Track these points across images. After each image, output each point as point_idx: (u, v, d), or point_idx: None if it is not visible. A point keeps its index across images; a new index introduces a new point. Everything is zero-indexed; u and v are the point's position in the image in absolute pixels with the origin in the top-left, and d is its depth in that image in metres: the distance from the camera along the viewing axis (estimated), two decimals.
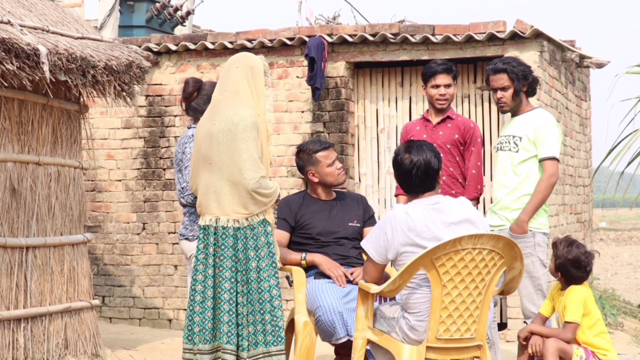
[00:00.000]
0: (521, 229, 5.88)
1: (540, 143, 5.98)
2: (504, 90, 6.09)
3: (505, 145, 6.11)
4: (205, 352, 5.46)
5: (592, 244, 11.89)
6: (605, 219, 40.02)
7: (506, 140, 6.12)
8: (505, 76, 6.06)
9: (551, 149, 5.97)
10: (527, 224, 5.90)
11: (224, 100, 5.55)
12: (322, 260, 5.98)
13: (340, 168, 6.19)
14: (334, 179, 6.17)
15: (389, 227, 4.97)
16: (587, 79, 11.26)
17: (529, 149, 6.01)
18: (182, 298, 9.45)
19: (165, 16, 11.77)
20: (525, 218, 5.89)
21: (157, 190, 9.61)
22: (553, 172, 5.95)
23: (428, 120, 6.66)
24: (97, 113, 9.66)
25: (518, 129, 6.08)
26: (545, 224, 6.05)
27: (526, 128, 6.03)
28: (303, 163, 6.20)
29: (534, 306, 5.96)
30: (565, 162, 9.93)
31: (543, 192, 5.92)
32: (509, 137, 6.10)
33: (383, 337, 5.11)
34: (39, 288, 6.63)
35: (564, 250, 5.67)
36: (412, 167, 5.02)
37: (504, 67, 6.07)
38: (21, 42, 6.13)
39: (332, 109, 9.18)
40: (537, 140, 5.99)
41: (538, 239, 5.94)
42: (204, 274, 5.50)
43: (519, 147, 6.03)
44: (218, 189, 5.49)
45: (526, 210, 5.91)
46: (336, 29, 9.15)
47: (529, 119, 6.07)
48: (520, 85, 6.06)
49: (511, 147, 6.06)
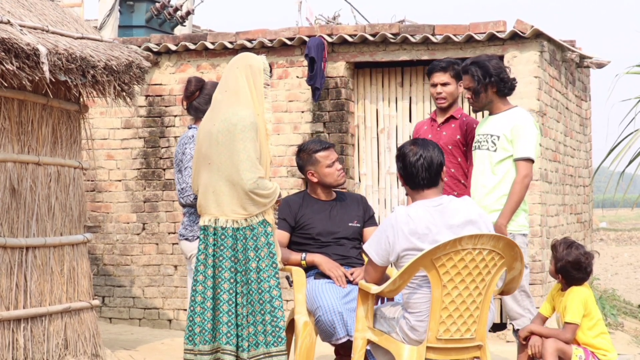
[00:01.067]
0: (500, 232, 5.81)
1: (515, 142, 5.91)
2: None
3: (483, 144, 6.03)
4: (206, 353, 5.45)
5: (592, 244, 11.89)
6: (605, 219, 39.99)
7: (484, 139, 6.04)
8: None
9: (526, 149, 5.89)
10: (506, 227, 5.86)
11: (224, 101, 5.55)
12: (322, 261, 5.97)
13: (340, 169, 6.17)
14: (333, 179, 6.16)
15: (391, 230, 4.96)
16: (587, 79, 11.25)
17: (506, 148, 5.94)
18: (182, 298, 9.45)
19: (165, 16, 11.77)
20: (504, 222, 5.84)
21: (157, 190, 9.60)
22: (526, 173, 5.88)
23: (434, 120, 6.65)
24: (97, 113, 9.65)
25: (495, 127, 6.01)
26: (524, 225, 6.00)
27: (504, 127, 5.97)
28: (303, 162, 6.20)
29: (519, 307, 5.93)
30: (565, 162, 9.93)
31: (518, 194, 5.87)
32: (487, 136, 6.03)
33: (383, 338, 5.10)
34: (38, 288, 6.62)
35: (563, 252, 5.66)
36: (419, 158, 5.01)
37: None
38: (21, 42, 6.12)
39: (332, 109, 9.17)
40: (513, 139, 5.92)
41: (518, 240, 5.81)
42: (204, 274, 5.50)
43: (497, 146, 5.96)
44: (217, 190, 5.49)
45: (503, 214, 5.85)
46: (336, 29, 9.14)
47: (507, 118, 6.01)
48: (480, 87, 5.99)
49: (489, 146, 5.99)
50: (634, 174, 11.16)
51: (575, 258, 5.63)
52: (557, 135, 9.43)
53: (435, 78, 6.53)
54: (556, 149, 9.37)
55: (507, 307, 6.00)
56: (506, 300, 5.94)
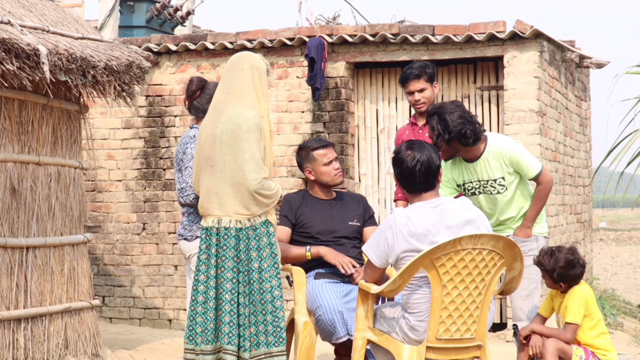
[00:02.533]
0: (525, 234, 5.87)
1: (521, 168, 5.83)
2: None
3: (489, 189, 5.88)
4: (208, 353, 5.45)
5: (592, 244, 11.89)
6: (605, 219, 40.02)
7: (484, 185, 5.88)
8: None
9: (533, 165, 5.84)
10: (531, 230, 5.90)
11: (228, 102, 5.54)
12: (327, 251, 5.97)
13: (337, 169, 6.15)
14: (329, 178, 6.14)
15: (390, 232, 4.96)
16: (587, 79, 11.26)
17: (513, 181, 5.88)
18: (182, 298, 9.46)
19: (165, 16, 11.78)
20: (530, 225, 5.88)
21: (157, 190, 9.61)
22: (549, 178, 5.87)
23: (415, 124, 6.62)
24: (97, 113, 9.66)
25: (491, 171, 5.85)
26: (545, 227, 6.05)
27: (499, 166, 5.84)
28: (301, 160, 6.20)
29: (526, 307, 5.93)
30: (565, 162, 9.93)
31: (544, 200, 5.88)
32: (487, 182, 5.87)
33: (383, 337, 5.11)
34: (39, 288, 6.63)
35: (551, 263, 5.63)
36: (416, 164, 5.00)
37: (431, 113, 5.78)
38: (21, 43, 6.13)
39: (332, 109, 9.18)
40: (517, 168, 5.84)
41: (541, 242, 5.93)
42: (206, 274, 5.50)
43: (505, 184, 5.86)
44: (220, 191, 5.49)
45: (530, 218, 5.87)
46: (336, 29, 9.15)
47: (494, 156, 5.83)
48: (440, 142, 5.70)
49: (499, 190, 5.87)
50: (634, 174, 11.18)
51: (565, 260, 5.62)
52: (557, 135, 9.43)
53: (411, 86, 6.46)
54: (556, 149, 9.38)
55: (513, 306, 5.94)
56: (514, 300, 5.88)
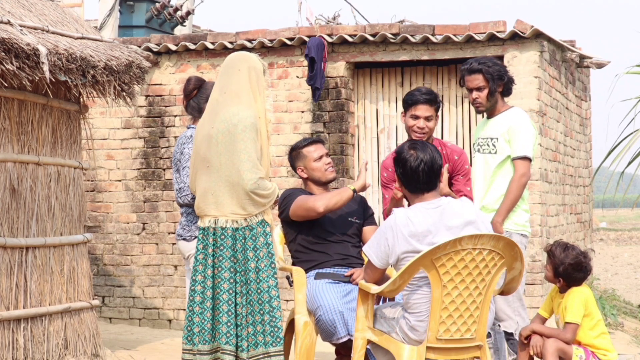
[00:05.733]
0: (496, 229, 5.78)
1: (513, 142, 5.91)
2: (479, 90, 5.99)
3: (485, 147, 6.03)
4: (205, 353, 5.45)
5: (592, 244, 11.89)
6: (605, 219, 40.02)
7: (484, 143, 6.04)
8: (481, 76, 5.97)
9: (523, 148, 5.90)
10: (502, 224, 5.86)
11: (224, 102, 5.54)
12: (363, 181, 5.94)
13: (328, 164, 6.10)
14: (321, 174, 6.10)
15: (390, 233, 4.96)
16: (587, 79, 11.26)
17: (504, 149, 5.94)
18: (182, 298, 9.45)
19: (165, 16, 11.77)
20: (499, 219, 5.85)
21: (157, 190, 9.61)
22: (524, 172, 5.89)
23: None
24: (97, 113, 9.66)
25: (494, 130, 6.01)
26: (524, 225, 6.00)
27: (502, 128, 5.97)
28: (293, 160, 6.19)
29: (509, 308, 5.90)
30: (565, 162, 9.93)
31: (514, 193, 5.87)
32: (487, 140, 6.02)
33: (383, 338, 5.10)
34: (38, 288, 6.62)
35: (562, 256, 5.63)
36: (420, 163, 5.00)
37: (479, 67, 5.97)
38: (21, 42, 6.12)
39: (332, 109, 9.17)
40: (510, 139, 5.92)
41: (515, 239, 5.57)
42: (203, 274, 5.50)
43: (496, 148, 5.96)
44: (216, 191, 5.49)
45: (499, 212, 5.86)
46: (336, 29, 9.14)
47: (504, 119, 6.00)
48: (496, 86, 5.97)
49: (490, 150, 5.99)
50: (634, 174, 11.16)
51: (575, 259, 5.62)
52: (557, 135, 9.43)
53: (420, 111, 5.91)
54: (556, 149, 9.38)
55: (496, 307, 5.89)
56: (497, 300, 5.83)
